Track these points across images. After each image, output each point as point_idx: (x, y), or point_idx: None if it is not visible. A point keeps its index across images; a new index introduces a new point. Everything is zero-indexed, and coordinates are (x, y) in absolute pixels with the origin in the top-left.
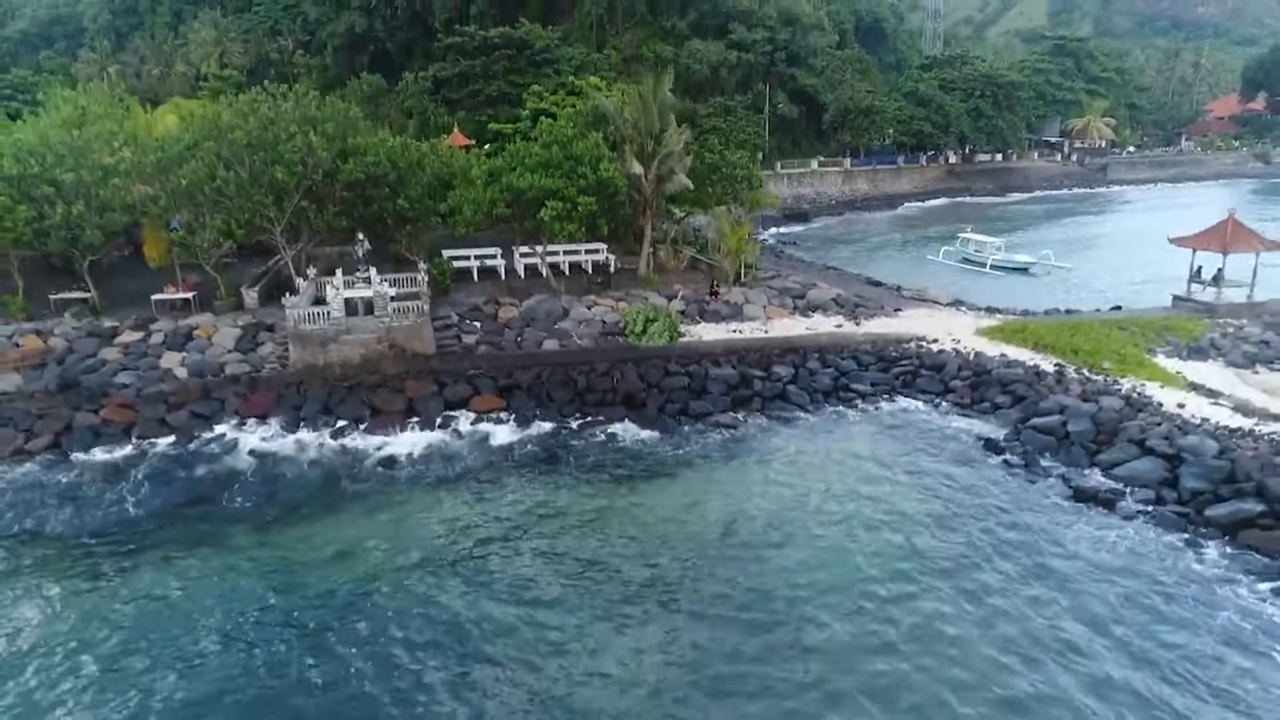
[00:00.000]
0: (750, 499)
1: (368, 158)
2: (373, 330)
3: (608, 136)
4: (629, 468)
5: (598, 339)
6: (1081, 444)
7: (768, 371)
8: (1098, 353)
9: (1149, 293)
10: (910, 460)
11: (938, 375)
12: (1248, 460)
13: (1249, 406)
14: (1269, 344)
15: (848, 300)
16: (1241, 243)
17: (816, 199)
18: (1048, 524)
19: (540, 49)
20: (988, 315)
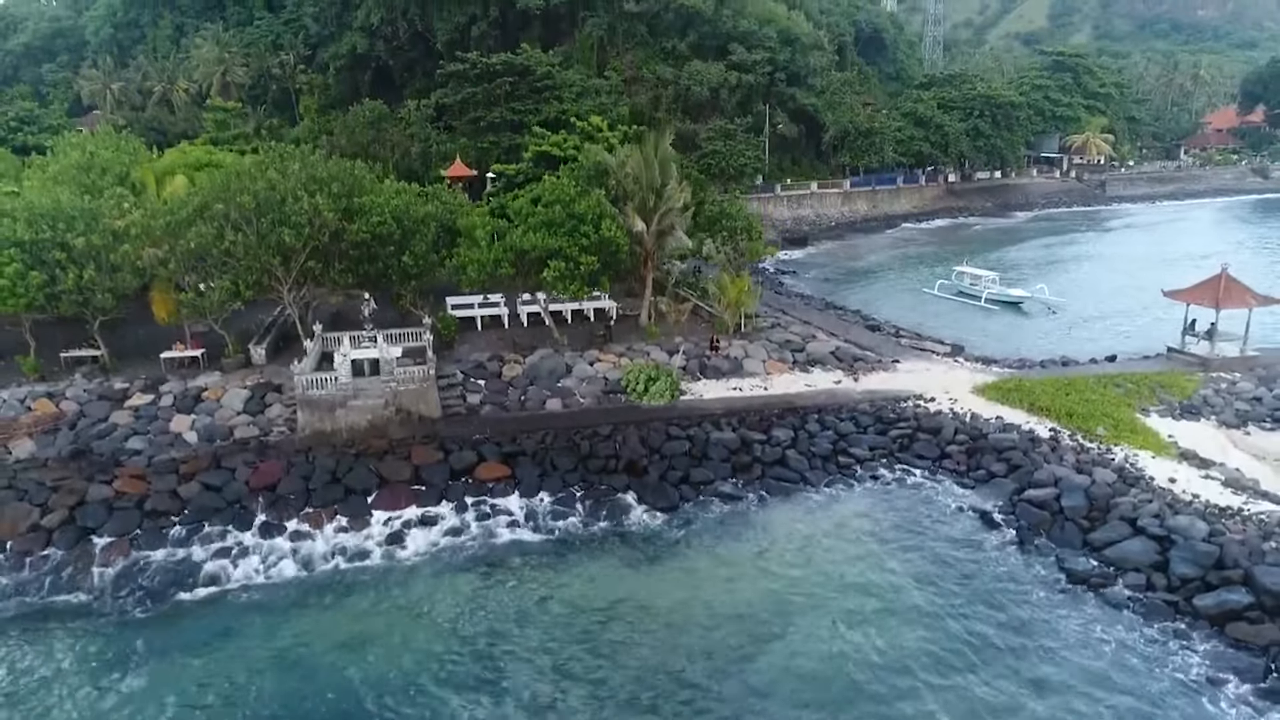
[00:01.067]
0: (749, 588)
1: (373, 218)
2: (379, 395)
3: (609, 191)
4: (633, 550)
5: (600, 398)
6: (1074, 520)
7: (768, 435)
8: (1092, 416)
9: (1146, 331)
10: (906, 541)
11: (934, 439)
12: (1236, 546)
13: (1239, 481)
14: (1260, 400)
15: (846, 354)
16: (1235, 299)
17: (816, 220)
18: (1039, 616)
19: (541, 75)
20: (984, 368)
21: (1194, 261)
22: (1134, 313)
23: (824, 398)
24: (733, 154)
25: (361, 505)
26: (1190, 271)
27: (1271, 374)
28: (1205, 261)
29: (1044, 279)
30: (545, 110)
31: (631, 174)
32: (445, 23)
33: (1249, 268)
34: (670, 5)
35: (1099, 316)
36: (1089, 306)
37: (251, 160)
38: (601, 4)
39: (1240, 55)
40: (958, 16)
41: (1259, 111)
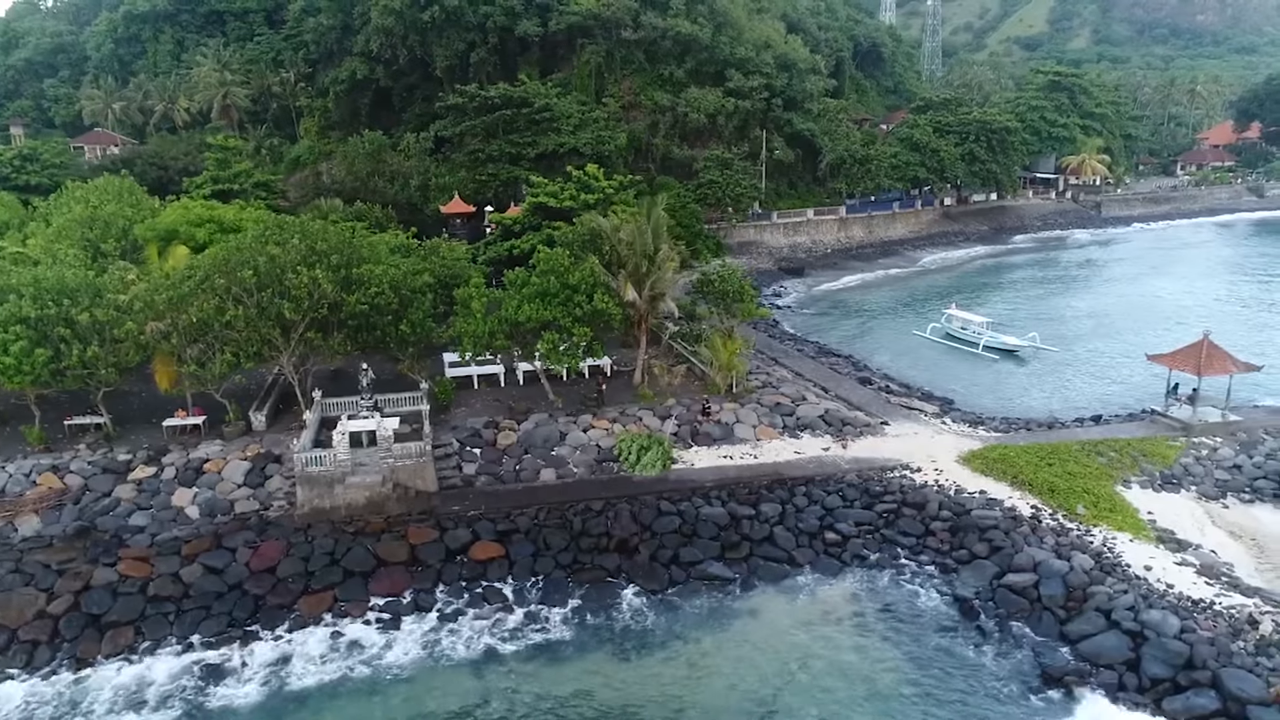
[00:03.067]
0: (732, 684)
1: (371, 289)
2: (377, 470)
3: (603, 255)
4: (622, 641)
5: (594, 467)
6: (1052, 610)
7: (756, 509)
8: (1073, 492)
9: (1135, 384)
10: (888, 633)
11: (919, 515)
12: (1205, 646)
13: (1214, 568)
14: (1240, 469)
15: (835, 418)
16: (1216, 366)
17: (812, 248)
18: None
19: (540, 107)
20: (971, 431)
21: (1187, 297)
22: (1123, 361)
23: (813, 467)
24: (730, 183)
25: (360, 588)
26: (1180, 312)
27: (1253, 439)
28: (1198, 297)
29: (1037, 320)
30: (543, 142)
31: (625, 240)
32: (444, 49)
33: (1243, 302)
34: (668, 33)
35: (1090, 365)
36: (1081, 353)
37: (254, 236)
38: (600, 31)
39: (1239, 60)
40: (958, 21)
41: (1255, 128)
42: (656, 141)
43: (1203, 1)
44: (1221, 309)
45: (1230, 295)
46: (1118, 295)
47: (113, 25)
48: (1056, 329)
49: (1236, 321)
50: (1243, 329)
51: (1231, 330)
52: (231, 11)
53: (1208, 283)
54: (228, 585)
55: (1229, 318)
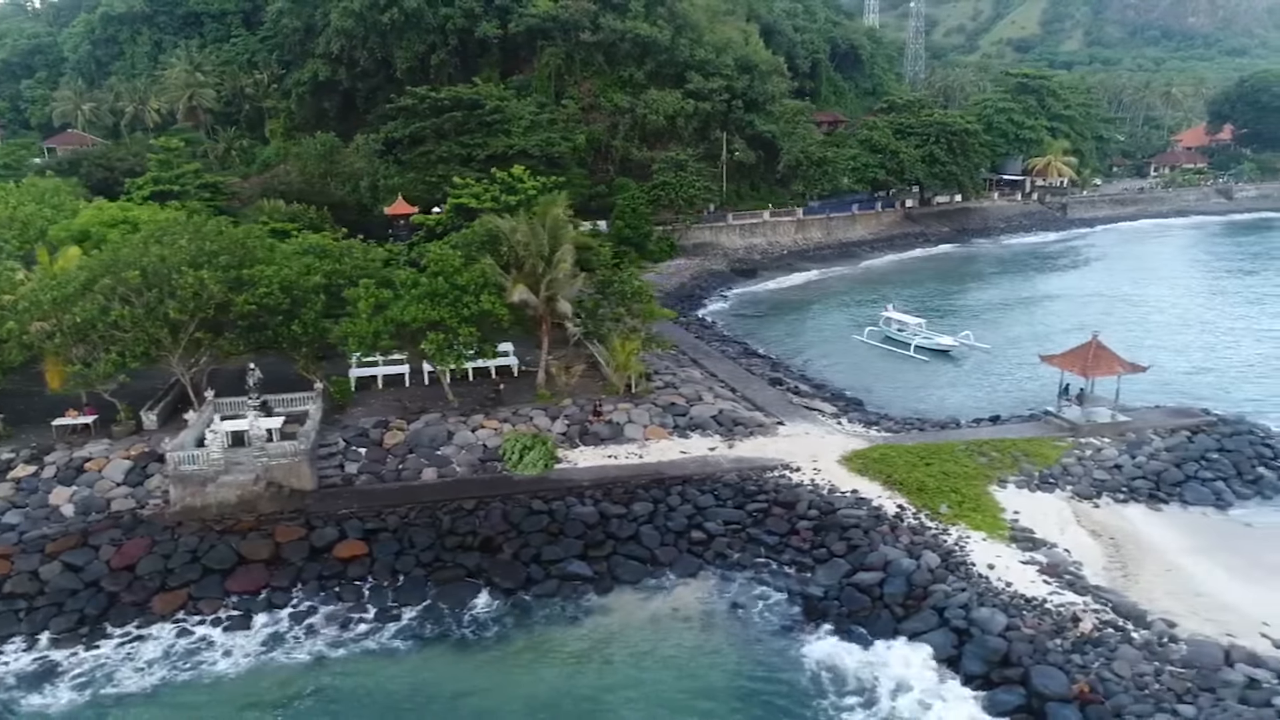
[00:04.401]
0: (562, 684)
1: (260, 289)
2: (250, 470)
3: (501, 256)
4: (468, 639)
5: (477, 467)
6: (891, 607)
7: (628, 508)
8: (940, 491)
9: (1051, 384)
10: (726, 632)
11: (788, 514)
12: (1023, 644)
13: (1060, 566)
14: (1120, 469)
15: (728, 418)
16: (1102, 367)
17: (769, 249)
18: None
19: (491, 109)
20: (863, 431)
21: (1133, 295)
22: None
23: (694, 467)
24: (683, 184)
25: (216, 586)
26: (1118, 312)
27: (1141, 439)
28: (1143, 295)
29: (979, 320)
30: (493, 144)
31: (521, 241)
32: (405, 51)
33: (1191, 303)
34: (627, 35)
35: (1016, 365)
36: (1012, 353)
37: (140, 236)
38: (558, 33)
39: (1230, 63)
40: (951, 22)
41: (1227, 130)
42: (616, 143)
43: (1194, 4)
44: (1155, 308)
45: (1171, 294)
46: (1062, 295)
47: (90, 27)
48: (996, 329)
49: (1169, 320)
50: (1172, 329)
51: (1161, 329)
52: (209, 13)
53: (1153, 282)
54: (84, 583)
55: (1161, 316)
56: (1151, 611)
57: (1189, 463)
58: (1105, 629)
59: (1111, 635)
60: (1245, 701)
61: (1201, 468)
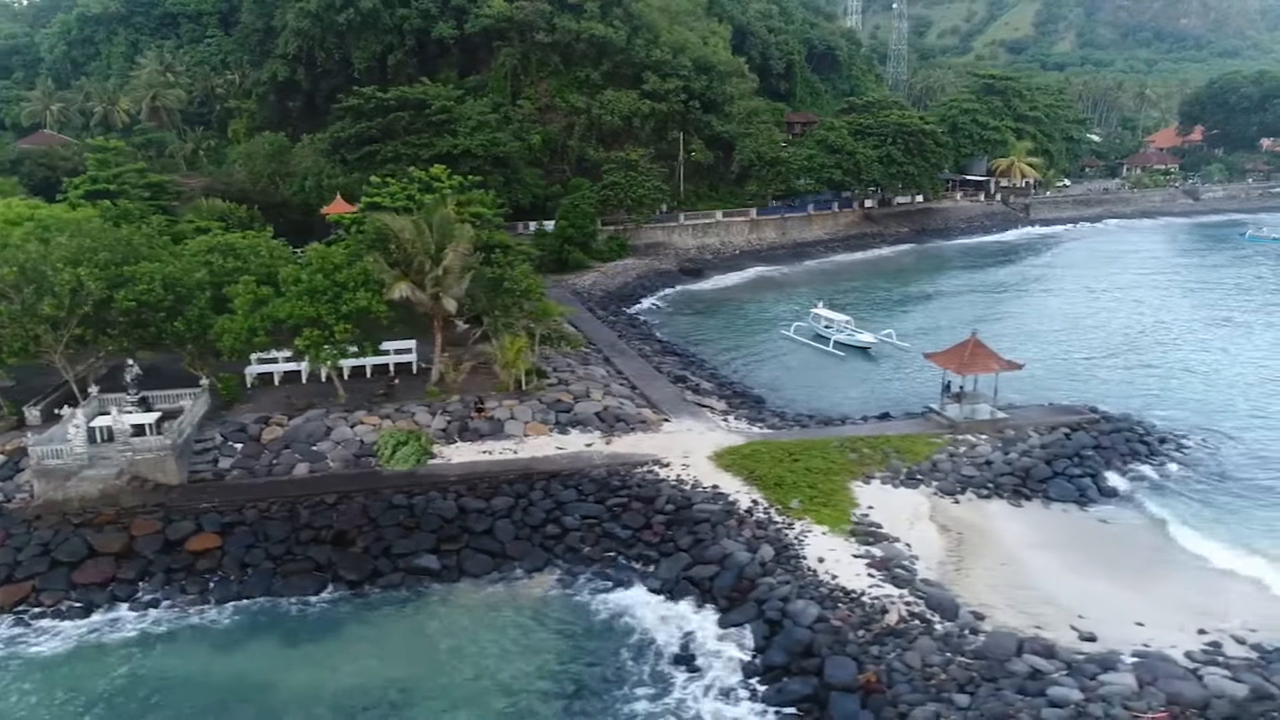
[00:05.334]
0: (380, 675)
1: (139, 286)
2: (115, 464)
3: (390, 254)
4: (299, 632)
5: (351, 463)
6: (716, 599)
7: (488, 502)
8: (797, 487)
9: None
10: (558, 624)
11: (645, 509)
12: (826, 635)
13: (891, 561)
14: (990, 464)
15: (611, 415)
16: (978, 365)
17: (721, 249)
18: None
19: (438, 109)
20: (745, 428)
21: (1070, 294)
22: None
23: (566, 462)
24: (633, 184)
25: (63, 579)
26: (1049, 310)
27: (1019, 436)
28: (1081, 294)
29: (912, 318)
30: (439, 144)
31: (407, 239)
32: (362, 52)
33: (1126, 302)
34: (582, 35)
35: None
36: (931, 349)
37: (19, 234)
38: (514, 34)
39: (1221, 64)
40: (945, 24)
41: (1198, 131)
42: (572, 143)
43: (1186, 5)
44: (1088, 307)
45: (1108, 293)
46: (1001, 294)
47: (66, 27)
48: (924, 327)
49: (1102, 317)
50: (1103, 328)
51: (1089, 328)
52: (186, 14)
53: (1094, 282)
54: None
55: (1095, 315)
56: (968, 604)
57: (1060, 459)
58: (912, 621)
59: (915, 627)
60: (1022, 691)
61: (1072, 464)
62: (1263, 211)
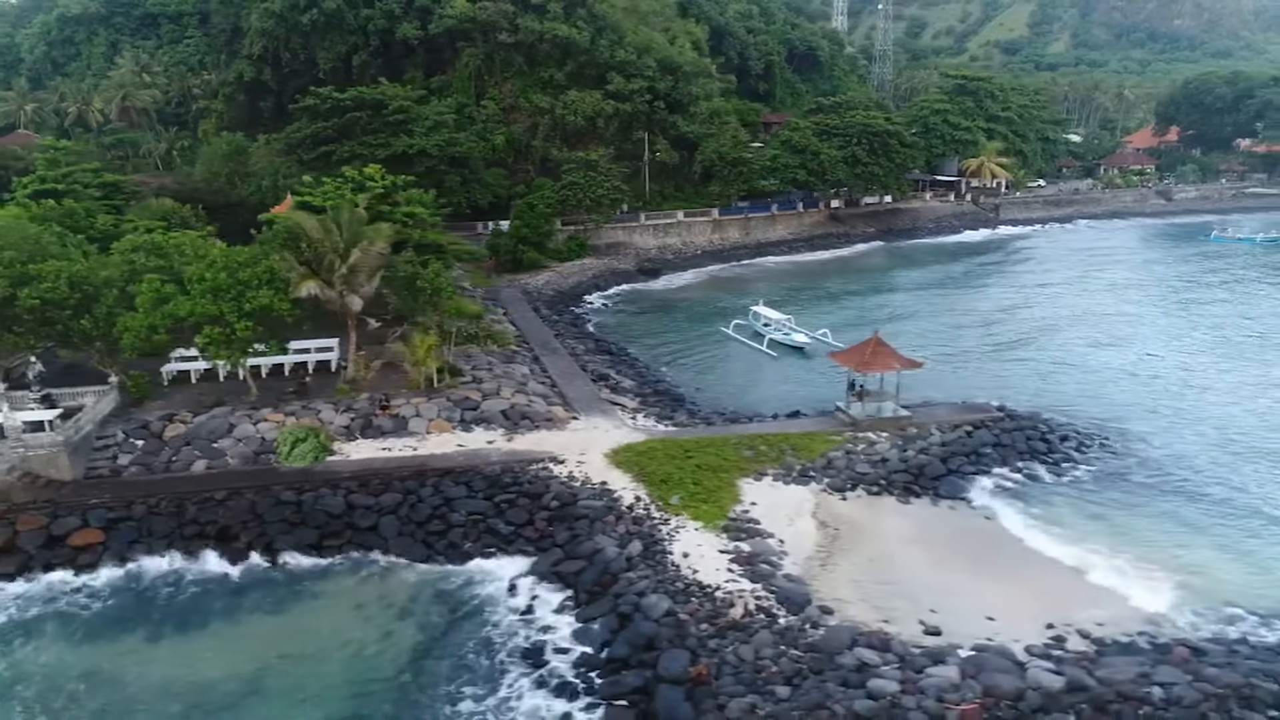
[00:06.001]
0: (237, 668)
1: (44, 284)
2: (6, 460)
3: (301, 253)
4: (165, 625)
5: (250, 459)
6: (578, 592)
7: (377, 499)
8: (682, 483)
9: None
10: (424, 619)
11: (531, 505)
12: (669, 629)
13: (755, 557)
14: (886, 462)
15: (517, 413)
16: (879, 363)
17: (683, 249)
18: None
19: (395, 109)
20: (651, 426)
21: (1029, 293)
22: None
23: (463, 459)
24: (591, 184)
25: None
26: (993, 311)
27: (922, 433)
28: (1031, 293)
29: (853, 317)
30: (395, 144)
31: (315, 238)
32: (327, 52)
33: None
34: (545, 36)
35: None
36: None
37: None
38: (478, 34)
39: (1214, 64)
40: (940, 25)
41: (1174, 132)
42: (536, 143)
43: (1180, 6)
44: (1035, 308)
45: (1058, 293)
46: (950, 293)
47: (46, 27)
48: (865, 325)
49: (1047, 318)
50: (1052, 327)
51: (1030, 325)
52: (166, 14)
53: (1046, 282)
54: None
55: (1041, 315)
56: (822, 599)
57: (956, 457)
58: (757, 615)
59: (759, 621)
60: (845, 684)
61: (967, 462)
62: (1236, 212)
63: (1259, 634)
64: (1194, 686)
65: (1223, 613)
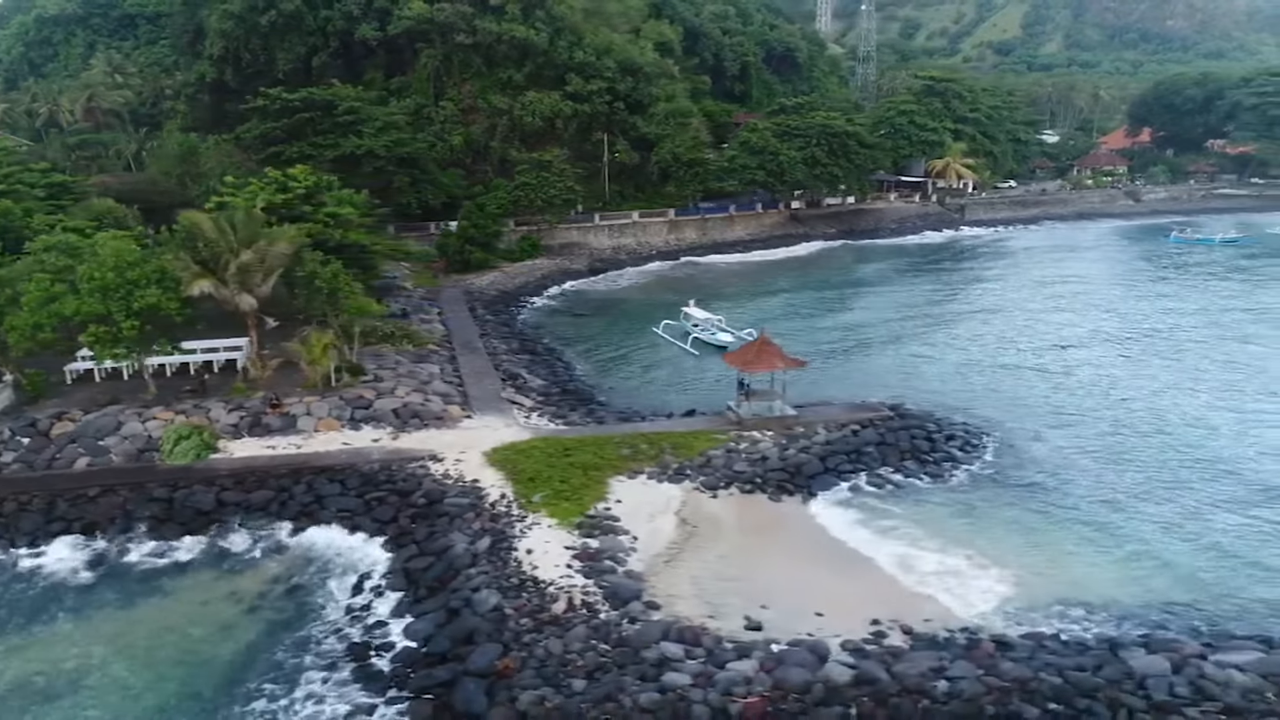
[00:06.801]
0: (59, 662)
1: None
2: None
3: (197, 252)
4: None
5: (135, 457)
6: (418, 589)
7: (248, 496)
8: (549, 481)
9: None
10: (271, 612)
11: (399, 502)
12: (489, 623)
13: (599, 553)
14: (765, 460)
15: (408, 412)
16: (764, 362)
17: (638, 250)
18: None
19: (344, 110)
20: (542, 424)
21: (972, 294)
22: (813, 358)
23: (344, 457)
24: (544, 185)
25: None
26: (944, 304)
27: (809, 432)
28: (972, 294)
29: (787, 316)
30: (344, 145)
31: (209, 238)
32: (286, 53)
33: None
34: (503, 37)
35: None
36: (790, 348)
37: None
38: (436, 36)
39: (1206, 65)
40: (934, 25)
41: (1146, 133)
42: (494, 144)
43: (1172, 7)
44: (971, 308)
45: (998, 293)
46: (891, 293)
47: (24, 28)
48: (796, 324)
49: (979, 318)
50: (982, 327)
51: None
52: (144, 15)
53: (992, 283)
54: None
55: (974, 315)
56: (653, 595)
57: (835, 456)
58: (579, 610)
59: (579, 616)
60: (643, 678)
61: (846, 461)
62: (1205, 213)
63: (1073, 630)
64: (982, 680)
65: (1050, 610)
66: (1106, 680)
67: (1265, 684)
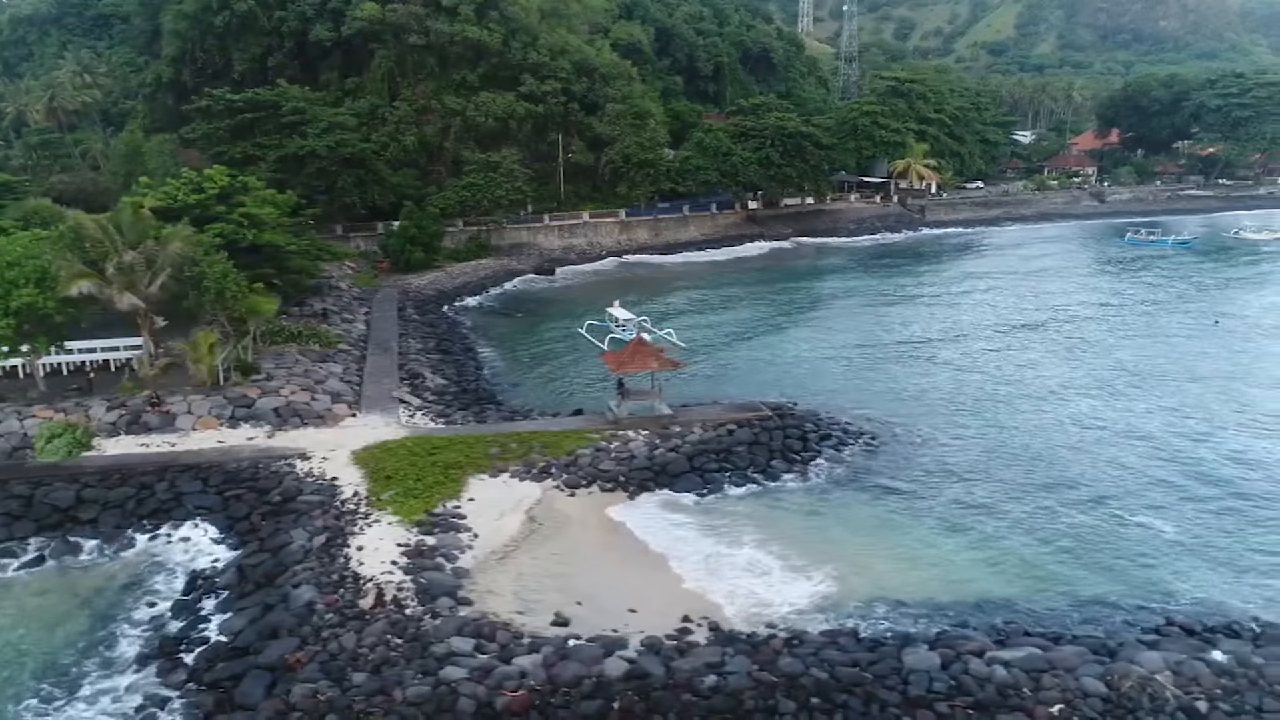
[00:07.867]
0: None
1: None
2: None
3: (85, 252)
4: None
5: (8, 454)
6: (247, 583)
7: (109, 492)
8: (406, 479)
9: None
10: (87, 614)
11: (256, 499)
12: (294, 618)
13: (429, 550)
14: (633, 458)
15: (288, 411)
16: (637, 363)
17: (589, 250)
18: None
19: (289, 110)
20: (422, 423)
21: (910, 293)
22: (735, 359)
23: (214, 455)
24: (492, 185)
25: None
26: (882, 304)
27: (685, 431)
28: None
29: (714, 316)
30: (288, 145)
31: (93, 238)
32: (242, 54)
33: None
34: (456, 38)
35: (701, 364)
36: (708, 349)
37: None
38: (390, 36)
39: (1198, 65)
40: (928, 26)
41: (1115, 134)
42: (448, 145)
43: (1165, 8)
44: (908, 308)
45: (937, 295)
46: (830, 294)
47: None
48: (721, 324)
49: (911, 319)
50: (909, 329)
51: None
52: (118, 15)
53: (931, 282)
54: None
55: (909, 316)
56: (469, 591)
57: (704, 455)
58: (388, 606)
59: (385, 611)
60: (424, 671)
61: (713, 460)
62: (1169, 214)
63: (878, 627)
64: (752, 676)
65: (866, 609)
66: (873, 675)
67: (1025, 679)
